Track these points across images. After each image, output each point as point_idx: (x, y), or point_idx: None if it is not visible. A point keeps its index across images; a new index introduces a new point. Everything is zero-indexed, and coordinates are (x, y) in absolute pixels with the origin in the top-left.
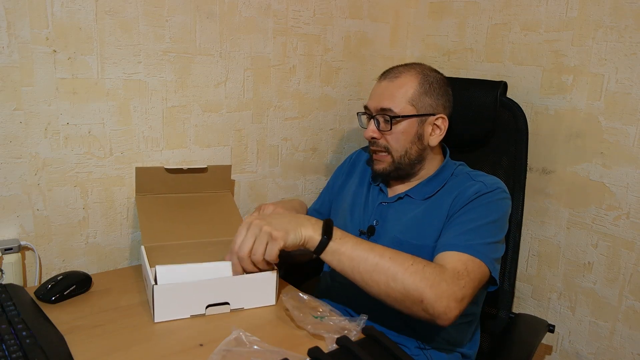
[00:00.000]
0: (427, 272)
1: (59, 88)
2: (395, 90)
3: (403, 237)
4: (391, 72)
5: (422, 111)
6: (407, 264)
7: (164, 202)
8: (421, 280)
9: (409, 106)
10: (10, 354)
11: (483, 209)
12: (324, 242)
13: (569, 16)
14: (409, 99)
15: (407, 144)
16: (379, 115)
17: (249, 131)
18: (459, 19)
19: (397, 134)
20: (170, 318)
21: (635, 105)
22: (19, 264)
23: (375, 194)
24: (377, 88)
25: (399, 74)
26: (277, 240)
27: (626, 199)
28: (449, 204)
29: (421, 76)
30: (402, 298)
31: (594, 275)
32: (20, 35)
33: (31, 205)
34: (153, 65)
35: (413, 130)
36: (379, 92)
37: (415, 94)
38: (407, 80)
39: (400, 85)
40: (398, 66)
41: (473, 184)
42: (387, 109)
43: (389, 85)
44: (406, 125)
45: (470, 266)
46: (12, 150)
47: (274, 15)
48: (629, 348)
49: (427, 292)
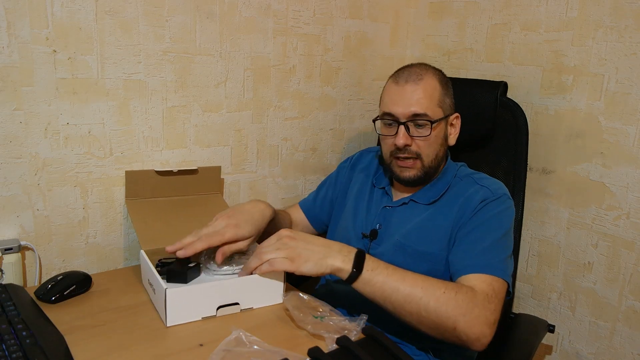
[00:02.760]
0: (459, 300)
1: (59, 88)
2: (424, 93)
3: (406, 242)
4: (411, 74)
5: (446, 112)
6: (439, 293)
7: (155, 205)
8: (453, 308)
9: (438, 109)
10: (10, 354)
11: (494, 221)
12: (354, 275)
13: (569, 16)
14: (437, 101)
15: (437, 147)
16: (409, 121)
17: (249, 131)
18: (459, 19)
19: (432, 140)
20: (183, 321)
21: (635, 105)
22: (19, 264)
23: (379, 197)
24: (401, 93)
25: (421, 76)
26: (291, 264)
27: (626, 199)
28: (455, 211)
29: (439, 76)
30: (435, 326)
31: (594, 275)
32: (20, 35)
33: (31, 205)
34: (153, 65)
35: (442, 133)
36: (406, 97)
37: (440, 95)
38: (430, 82)
39: (426, 87)
40: (412, 67)
41: (478, 189)
42: (421, 114)
43: (414, 89)
44: (439, 130)
45: (496, 287)
46: (12, 150)
47: (274, 15)
48: (629, 348)
49: (460, 321)
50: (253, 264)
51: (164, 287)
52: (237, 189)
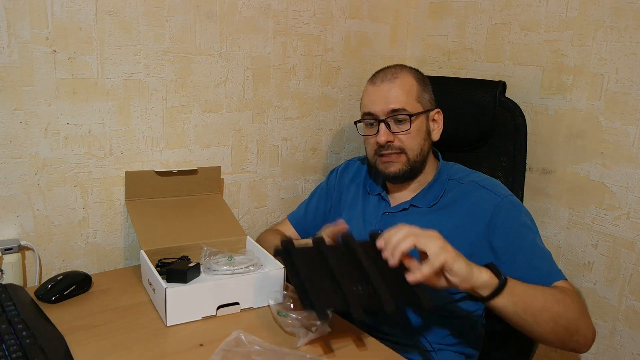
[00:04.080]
0: (574, 302)
1: (59, 88)
2: (400, 90)
3: None
4: (386, 74)
5: (426, 107)
6: (559, 296)
7: (155, 205)
8: (573, 310)
9: (417, 103)
10: (10, 354)
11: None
12: (502, 284)
13: (569, 16)
14: (415, 96)
15: (421, 141)
16: (389, 118)
17: (249, 131)
18: (459, 19)
19: (414, 133)
20: (183, 321)
21: (635, 105)
22: (19, 264)
23: (375, 203)
24: (378, 92)
25: (396, 74)
26: (443, 252)
27: (626, 199)
28: (462, 215)
29: (414, 74)
30: (563, 332)
31: (594, 275)
32: (20, 35)
33: (31, 205)
34: (153, 65)
35: (424, 126)
36: (383, 95)
37: (418, 91)
38: (406, 79)
39: (403, 84)
40: (388, 68)
41: (484, 193)
42: (400, 109)
43: (392, 86)
44: (419, 123)
45: (572, 288)
46: (12, 150)
47: (274, 15)
48: (629, 348)
49: (581, 323)
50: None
51: (164, 286)
52: (237, 189)
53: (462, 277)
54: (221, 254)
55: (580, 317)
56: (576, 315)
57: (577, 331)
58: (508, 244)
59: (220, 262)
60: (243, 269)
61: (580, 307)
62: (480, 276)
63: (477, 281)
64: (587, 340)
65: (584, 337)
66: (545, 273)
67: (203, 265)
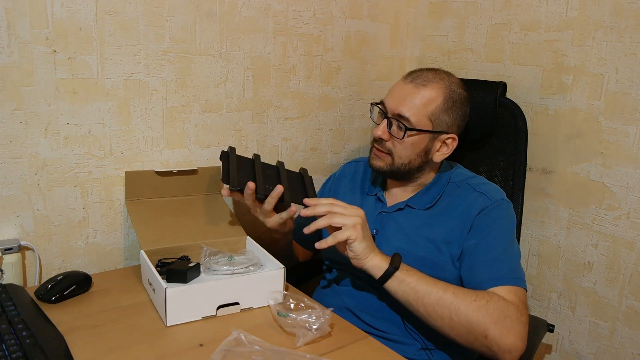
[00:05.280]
0: (490, 308)
1: (59, 88)
2: (418, 99)
3: (405, 248)
4: (419, 77)
5: (437, 128)
6: (469, 299)
7: (155, 205)
8: (484, 316)
9: (427, 120)
10: (10, 354)
11: (498, 229)
12: (390, 270)
13: (569, 16)
14: (429, 113)
15: (412, 155)
16: (393, 119)
17: (249, 131)
18: (459, 19)
19: (407, 145)
20: (183, 321)
21: (635, 105)
22: (19, 264)
23: (372, 203)
24: (399, 89)
25: (426, 83)
26: (350, 230)
27: (626, 199)
28: (454, 218)
29: (448, 91)
30: (466, 333)
31: (594, 275)
32: (20, 35)
33: (31, 205)
34: (153, 65)
35: (423, 144)
36: (401, 95)
37: (437, 110)
38: (433, 92)
39: (424, 96)
40: (427, 71)
41: (477, 196)
42: (403, 117)
43: (413, 91)
44: (417, 139)
45: (521, 297)
46: (12, 150)
47: (274, 15)
48: (629, 348)
49: (491, 329)
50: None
51: (164, 286)
52: None
53: (356, 255)
54: (221, 254)
55: (494, 324)
56: (486, 320)
57: (485, 336)
58: (476, 239)
59: (220, 262)
60: (243, 269)
61: (499, 316)
62: (372, 259)
63: (367, 262)
64: (503, 351)
65: (496, 345)
66: (494, 276)
67: (203, 265)
